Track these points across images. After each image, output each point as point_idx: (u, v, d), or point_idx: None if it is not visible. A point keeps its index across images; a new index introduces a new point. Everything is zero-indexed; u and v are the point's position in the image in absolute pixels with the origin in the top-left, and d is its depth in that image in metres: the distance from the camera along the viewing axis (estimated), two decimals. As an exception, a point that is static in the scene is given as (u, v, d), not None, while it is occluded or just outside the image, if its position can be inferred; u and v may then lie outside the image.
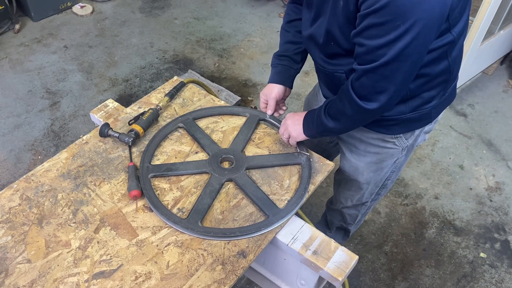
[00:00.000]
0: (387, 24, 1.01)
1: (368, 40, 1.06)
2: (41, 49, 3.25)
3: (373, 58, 1.08)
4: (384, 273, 2.12)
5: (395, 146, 1.44)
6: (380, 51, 1.05)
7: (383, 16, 1.00)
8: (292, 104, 2.93)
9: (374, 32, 1.04)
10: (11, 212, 1.26)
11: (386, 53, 1.05)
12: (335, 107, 1.25)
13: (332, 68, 1.30)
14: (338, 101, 1.23)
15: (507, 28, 3.06)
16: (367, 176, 1.56)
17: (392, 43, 1.03)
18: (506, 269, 2.16)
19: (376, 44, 1.05)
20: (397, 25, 1.00)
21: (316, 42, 1.29)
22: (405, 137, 1.42)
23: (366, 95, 1.15)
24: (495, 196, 2.48)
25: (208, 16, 3.71)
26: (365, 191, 1.64)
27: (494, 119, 2.94)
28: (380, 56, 1.06)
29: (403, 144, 1.44)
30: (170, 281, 1.13)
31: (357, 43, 1.10)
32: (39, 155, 2.52)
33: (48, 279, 1.12)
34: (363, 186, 1.61)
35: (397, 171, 1.59)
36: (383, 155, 1.47)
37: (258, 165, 1.43)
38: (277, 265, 1.48)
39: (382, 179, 1.60)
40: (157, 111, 1.54)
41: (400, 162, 1.54)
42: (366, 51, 1.08)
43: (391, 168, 1.55)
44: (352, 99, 1.17)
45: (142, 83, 3.03)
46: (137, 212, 1.28)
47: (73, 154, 1.43)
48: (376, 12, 1.01)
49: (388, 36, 1.02)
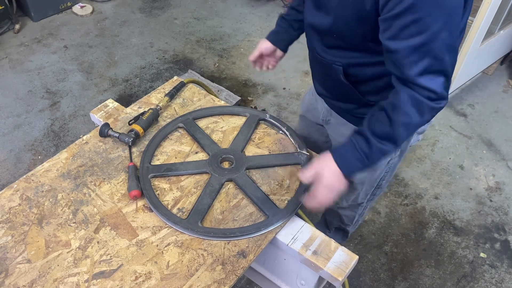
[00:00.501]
0: (426, 17, 0.97)
1: (408, 40, 1.01)
2: (41, 49, 3.25)
3: (421, 56, 1.02)
4: (384, 273, 2.12)
5: None
6: (428, 46, 1.00)
7: (419, 11, 0.96)
8: (292, 104, 2.93)
9: (414, 30, 0.99)
10: (11, 212, 1.26)
11: (433, 46, 1.00)
12: (400, 124, 1.10)
13: (330, 58, 1.28)
14: (402, 115, 1.09)
15: (507, 28, 3.06)
16: (361, 177, 1.56)
17: (437, 33, 0.99)
18: (506, 269, 2.16)
19: (419, 42, 1.00)
20: (436, 15, 0.97)
21: (317, 31, 1.27)
22: None
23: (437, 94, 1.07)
24: (495, 196, 2.48)
25: (208, 16, 3.71)
26: (360, 191, 1.64)
27: (494, 119, 2.94)
28: (430, 51, 1.01)
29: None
30: (170, 281, 1.13)
31: (394, 48, 1.03)
32: (39, 155, 2.52)
33: (48, 279, 1.12)
34: (357, 186, 1.61)
35: (391, 172, 1.58)
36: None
37: (258, 165, 1.43)
38: (277, 265, 1.48)
39: (377, 179, 1.59)
40: (157, 111, 1.54)
41: (394, 163, 1.54)
42: (410, 51, 1.02)
43: (385, 169, 1.55)
44: (421, 107, 1.07)
45: (142, 83, 3.03)
46: (137, 212, 1.28)
47: (73, 154, 1.43)
48: (411, 9, 0.96)
49: (431, 28, 0.98)
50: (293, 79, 3.14)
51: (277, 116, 2.22)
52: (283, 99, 2.98)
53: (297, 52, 3.35)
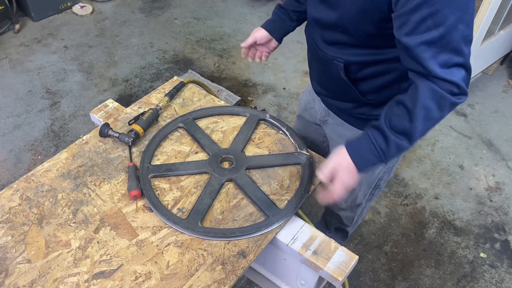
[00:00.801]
0: (443, 10, 0.96)
1: (425, 33, 0.98)
2: (41, 49, 3.25)
3: (440, 50, 1.00)
4: (384, 273, 2.12)
5: None
6: (446, 39, 0.98)
7: (435, 3, 0.95)
8: (292, 104, 2.93)
9: (431, 23, 0.97)
10: (11, 212, 1.26)
11: (451, 38, 0.98)
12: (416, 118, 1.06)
13: (332, 54, 1.25)
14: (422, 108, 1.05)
15: (507, 28, 3.06)
16: (359, 177, 1.55)
17: (454, 25, 0.97)
18: (506, 269, 2.16)
19: (437, 35, 0.98)
20: (452, 7, 0.95)
21: (321, 25, 1.24)
22: None
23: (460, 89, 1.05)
24: (495, 196, 2.48)
25: (208, 16, 3.71)
26: (358, 192, 1.63)
27: (494, 119, 2.94)
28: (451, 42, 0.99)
29: None
30: (170, 281, 1.13)
31: (412, 43, 1.01)
32: (39, 155, 2.52)
33: (48, 279, 1.12)
34: (355, 186, 1.60)
35: (389, 172, 1.58)
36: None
37: (258, 165, 1.43)
38: (277, 265, 1.48)
39: (375, 180, 1.59)
40: (157, 111, 1.54)
41: (393, 163, 1.53)
42: (428, 45, 0.99)
43: (383, 169, 1.54)
44: (444, 102, 1.05)
45: (142, 83, 3.03)
46: (137, 212, 1.28)
47: (73, 154, 1.43)
48: (427, 2, 0.95)
49: (448, 20, 0.96)
50: (293, 79, 3.14)
51: (277, 116, 2.22)
52: (283, 99, 2.98)
53: (297, 52, 3.35)
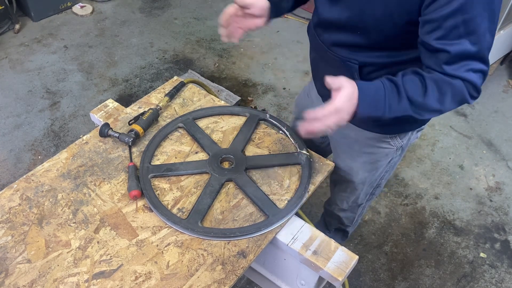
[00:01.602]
0: (476, 18, 0.97)
1: (457, 41, 0.99)
2: (41, 49, 3.25)
3: (471, 57, 1.02)
4: (384, 273, 2.12)
5: (390, 146, 1.43)
6: (477, 47, 1.00)
7: (470, 11, 0.96)
8: (292, 104, 2.93)
9: (463, 31, 0.98)
10: (11, 212, 1.26)
11: (481, 47, 1.00)
12: (432, 97, 1.05)
13: (346, 56, 1.21)
14: (437, 91, 1.05)
15: (507, 28, 3.06)
16: (362, 176, 1.54)
17: (484, 34, 0.99)
18: (506, 269, 2.16)
19: (469, 43, 0.99)
20: (484, 16, 0.97)
21: (335, 27, 1.20)
22: (400, 137, 1.41)
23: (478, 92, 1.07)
24: (495, 196, 2.48)
25: (208, 16, 3.71)
26: (360, 192, 1.63)
27: (494, 119, 2.94)
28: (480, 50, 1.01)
29: (398, 144, 1.43)
30: (170, 281, 1.13)
31: (442, 48, 1.01)
32: (39, 155, 2.52)
33: (48, 279, 1.12)
34: (358, 186, 1.59)
35: (390, 170, 1.58)
36: (378, 155, 1.46)
37: (258, 165, 1.43)
38: (277, 265, 1.48)
39: (377, 179, 1.59)
40: (157, 111, 1.54)
41: (395, 162, 1.53)
42: (460, 52, 1.01)
43: (386, 168, 1.54)
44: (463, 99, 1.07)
45: (142, 83, 3.03)
46: (137, 212, 1.28)
47: (73, 154, 1.43)
48: (461, 9, 0.96)
49: (479, 29, 0.98)
50: (293, 79, 3.14)
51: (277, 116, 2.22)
52: (283, 99, 2.98)
53: (297, 52, 3.35)
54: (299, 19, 3.62)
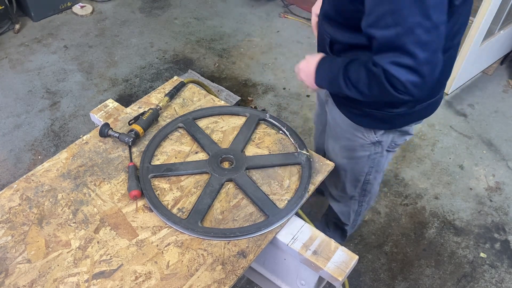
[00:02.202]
0: (403, 10, 0.98)
1: (384, 30, 1.01)
2: (41, 49, 3.25)
3: (394, 48, 1.03)
4: (384, 273, 2.12)
5: (363, 138, 1.47)
6: (401, 39, 1.01)
7: (397, 2, 0.98)
8: (292, 104, 2.93)
9: (390, 20, 1.00)
10: (11, 212, 1.26)
11: (406, 40, 1.00)
12: (362, 83, 1.15)
13: (324, 29, 1.32)
14: (366, 78, 1.14)
15: (507, 28, 3.06)
16: (341, 162, 1.59)
17: (411, 28, 0.99)
18: (506, 269, 2.16)
19: (394, 33, 1.00)
20: (412, 10, 0.97)
21: (330, 19, 1.29)
22: (375, 133, 1.44)
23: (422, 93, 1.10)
24: (495, 196, 2.48)
25: (208, 16, 3.71)
26: (344, 180, 1.66)
27: (494, 119, 2.94)
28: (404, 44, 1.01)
29: (372, 138, 1.46)
30: (170, 281, 1.13)
31: (372, 35, 1.05)
32: (39, 155, 2.52)
33: (48, 279, 1.12)
34: (340, 172, 1.63)
35: (376, 167, 1.60)
36: (354, 143, 1.51)
37: (258, 165, 1.43)
38: (277, 265, 1.48)
39: (360, 172, 1.61)
40: (157, 111, 1.54)
41: (377, 159, 1.56)
42: (385, 40, 1.04)
43: (368, 163, 1.57)
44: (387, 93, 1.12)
45: (142, 83, 3.03)
46: (137, 212, 1.28)
47: (73, 154, 1.43)
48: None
49: (406, 22, 0.98)
50: (293, 79, 3.14)
51: (277, 116, 2.22)
52: (283, 99, 2.98)
53: (297, 52, 3.35)
54: (299, 19, 3.62)
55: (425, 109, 1.38)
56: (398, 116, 1.36)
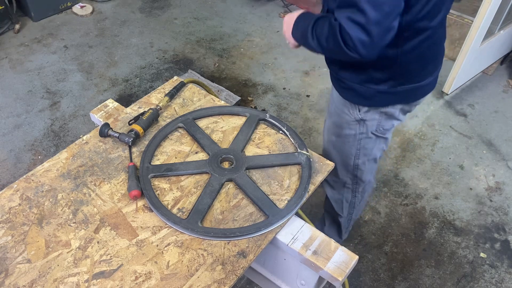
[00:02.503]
0: None
1: None
2: (41, 49, 3.25)
3: (348, 4, 1.11)
4: (384, 273, 2.13)
5: (349, 114, 1.51)
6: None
7: None
8: (292, 104, 2.93)
9: None
10: (11, 212, 1.26)
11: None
12: (323, 35, 1.23)
13: (326, 2, 1.37)
14: (327, 31, 1.22)
15: (507, 28, 3.06)
16: (331, 139, 1.65)
17: None
18: (506, 269, 2.16)
19: None
20: None
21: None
22: (359, 110, 1.48)
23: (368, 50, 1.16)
24: (495, 196, 2.48)
25: (208, 16, 3.71)
26: (335, 161, 1.68)
27: (494, 119, 2.94)
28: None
29: (356, 115, 1.50)
30: (170, 281, 1.13)
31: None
32: (39, 155, 2.53)
33: (48, 279, 1.12)
34: (331, 152, 1.69)
35: (364, 150, 1.63)
36: (341, 119, 1.56)
37: (258, 165, 1.43)
38: (277, 265, 1.48)
39: (348, 154, 1.65)
40: (157, 111, 1.54)
41: (364, 141, 1.59)
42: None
43: (354, 144, 1.60)
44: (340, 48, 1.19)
45: (142, 83, 3.03)
46: (137, 212, 1.28)
47: (73, 154, 1.43)
48: None
49: None
50: (293, 79, 3.14)
51: (277, 116, 2.22)
52: (283, 99, 2.98)
53: (297, 52, 3.35)
54: (299, 19, 3.62)
55: (407, 93, 1.42)
56: (379, 94, 1.41)
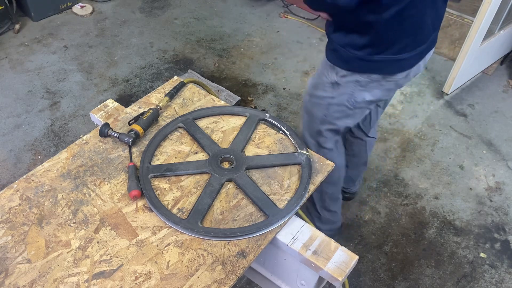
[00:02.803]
0: None
1: None
2: (41, 49, 3.25)
3: None
4: (384, 273, 2.12)
5: (327, 75, 1.57)
6: None
7: None
8: (292, 104, 2.93)
9: None
10: (11, 212, 1.26)
11: None
12: None
13: None
14: None
15: (507, 28, 3.06)
16: (306, 99, 1.72)
17: None
18: (506, 269, 2.16)
19: None
20: None
21: None
22: (336, 72, 1.53)
23: None
24: (495, 196, 2.48)
25: (208, 16, 3.71)
26: (303, 121, 1.77)
27: (494, 119, 2.94)
28: None
29: (332, 77, 1.55)
30: (170, 281, 1.13)
31: None
32: (39, 155, 2.52)
33: (48, 279, 1.12)
34: (303, 112, 1.77)
35: (329, 117, 1.66)
36: (319, 80, 1.62)
37: (258, 165, 1.43)
38: (277, 265, 1.48)
39: (315, 117, 1.70)
40: (157, 111, 1.54)
41: (333, 108, 1.62)
42: None
43: (323, 108, 1.65)
44: None
45: (142, 83, 3.03)
46: (137, 212, 1.28)
47: (73, 154, 1.43)
48: None
49: None
50: (293, 79, 3.14)
51: (277, 116, 2.22)
52: (283, 99, 2.98)
53: (297, 52, 3.35)
54: (299, 19, 3.62)
55: (383, 63, 1.46)
56: (357, 60, 1.46)
